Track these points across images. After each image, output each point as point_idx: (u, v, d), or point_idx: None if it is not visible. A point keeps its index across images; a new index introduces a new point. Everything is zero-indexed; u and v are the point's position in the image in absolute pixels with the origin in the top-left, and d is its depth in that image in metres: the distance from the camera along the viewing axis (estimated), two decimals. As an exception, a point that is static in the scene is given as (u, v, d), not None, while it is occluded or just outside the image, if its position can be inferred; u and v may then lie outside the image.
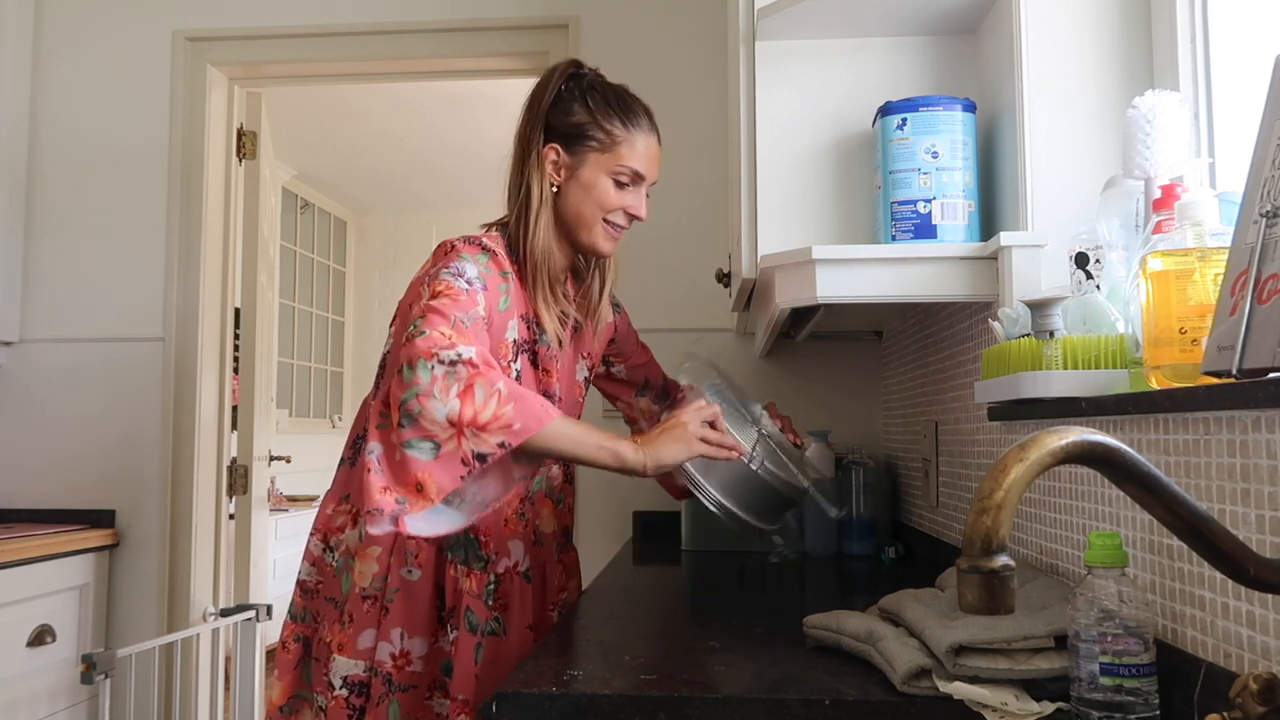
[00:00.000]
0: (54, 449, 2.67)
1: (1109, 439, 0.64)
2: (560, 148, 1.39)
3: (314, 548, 1.39)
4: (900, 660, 0.93)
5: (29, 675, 2.32)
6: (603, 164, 1.38)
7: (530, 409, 1.14)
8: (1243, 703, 0.63)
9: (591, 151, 1.38)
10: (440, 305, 1.20)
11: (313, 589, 1.39)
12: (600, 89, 1.42)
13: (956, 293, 1.39)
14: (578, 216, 1.39)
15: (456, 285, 1.24)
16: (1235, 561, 0.65)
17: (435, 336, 1.15)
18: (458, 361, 1.11)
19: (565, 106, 1.40)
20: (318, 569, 1.39)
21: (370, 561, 1.33)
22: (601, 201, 1.39)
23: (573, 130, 1.38)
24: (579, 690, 0.93)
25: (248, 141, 2.89)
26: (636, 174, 1.41)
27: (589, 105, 1.39)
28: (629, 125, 1.40)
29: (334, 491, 1.41)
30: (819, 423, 2.43)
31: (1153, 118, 1.06)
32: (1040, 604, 0.98)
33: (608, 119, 1.39)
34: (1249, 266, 0.76)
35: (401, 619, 1.31)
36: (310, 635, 1.38)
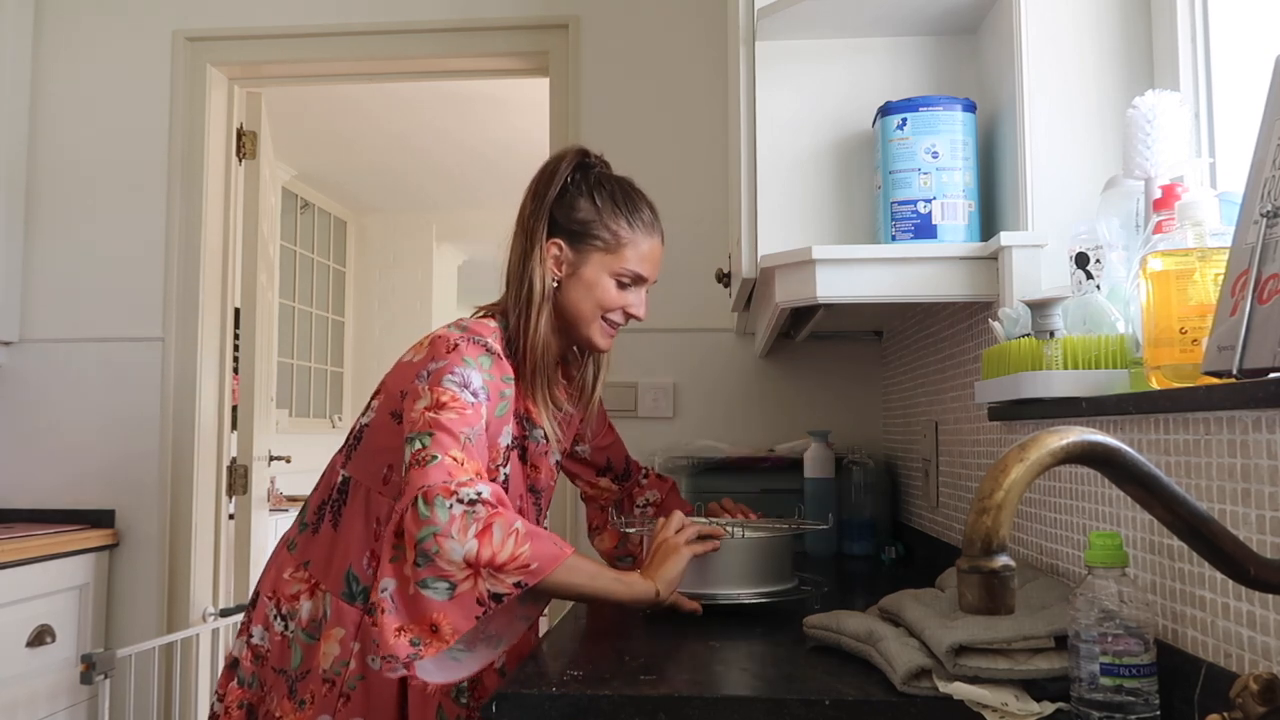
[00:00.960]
0: (54, 449, 2.67)
1: (1109, 439, 0.64)
2: (564, 243, 1.37)
3: (269, 613, 1.33)
4: (900, 660, 0.93)
5: (29, 675, 2.32)
6: (606, 264, 1.37)
7: (545, 548, 1.12)
8: (1243, 703, 0.63)
9: (596, 251, 1.37)
10: (448, 422, 1.18)
11: (263, 654, 1.33)
12: (608, 185, 1.40)
13: (956, 293, 1.39)
14: (577, 313, 1.38)
15: (462, 398, 1.22)
16: (1236, 562, 0.65)
17: (449, 466, 1.14)
18: (476, 501, 1.10)
19: (571, 201, 1.38)
20: (269, 636, 1.33)
21: (333, 643, 1.27)
22: (602, 301, 1.38)
23: (578, 227, 1.37)
24: (579, 690, 0.93)
25: (248, 141, 2.89)
26: (639, 276, 1.40)
27: (595, 203, 1.37)
28: (635, 226, 1.38)
29: (290, 556, 1.35)
30: (819, 423, 2.43)
31: (1153, 118, 1.06)
32: (1040, 604, 0.98)
33: (614, 219, 1.37)
34: (1249, 266, 0.76)
35: (360, 709, 1.25)
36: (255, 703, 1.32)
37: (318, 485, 1.39)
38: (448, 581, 1.09)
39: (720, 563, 1.34)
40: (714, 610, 1.32)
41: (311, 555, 1.34)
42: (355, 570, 1.29)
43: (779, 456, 2.25)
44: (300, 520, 1.38)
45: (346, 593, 1.29)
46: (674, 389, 2.54)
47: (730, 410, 2.53)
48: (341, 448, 1.39)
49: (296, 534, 1.37)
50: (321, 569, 1.32)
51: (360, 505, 1.31)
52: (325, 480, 1.38)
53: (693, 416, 2.53)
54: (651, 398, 2.54)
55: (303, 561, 1.34)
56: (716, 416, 2.53)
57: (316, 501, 1.37)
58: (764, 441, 2.45)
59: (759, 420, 2.52)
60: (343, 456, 1.37)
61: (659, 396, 2.54)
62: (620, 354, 2.55)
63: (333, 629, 1.27)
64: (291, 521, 1.42)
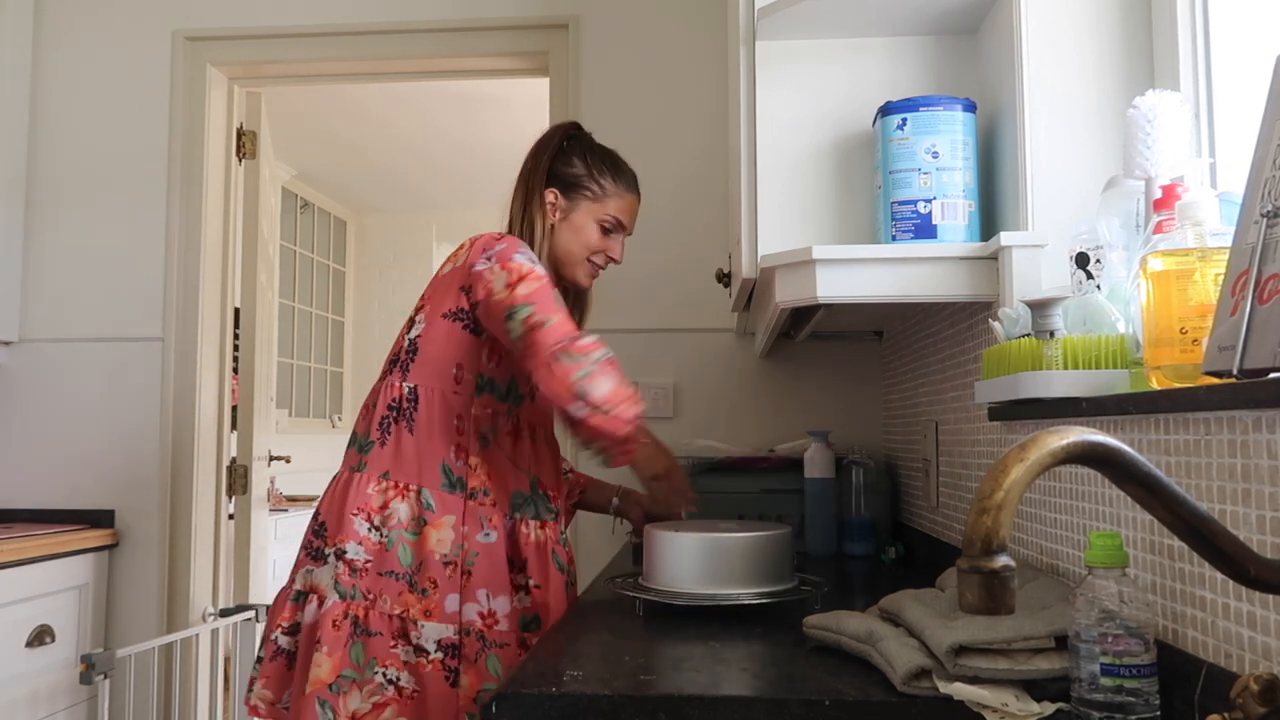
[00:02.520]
0: (54, 449, 2.67)
1: (1109, 439, 0.64)
2: (559, 192, 1.62)
3: (359, 528, 1.43)
4: (900, 660, 0.93)
5: (29, 675, 2.32)
6: (593, 211, 1.63)
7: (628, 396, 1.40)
8: (1243, 703, 0.63)
9: (585, 200, 1.63)
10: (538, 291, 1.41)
11: (361, 567, 1.42)
12: (597, 149, 1.67)
13: (956, 293, 1.39)
14: (566, 253, 1.63)
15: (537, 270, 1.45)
16: (1236, 562, 0.65)
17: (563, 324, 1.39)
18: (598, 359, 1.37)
19: (567, 159, 1.64)
20: (365, 547, 1.43)
21: (446, 529, 1.44)
22: (588, 242, 1.63)
23: (571, 180, 1.63)
24: (579, 690, 0.93)
25: (248, 141, 2.89)
26: (619, 223, 1.66)
27: (587, 161, 1.64)
28: (618, 182, 1.65)
29: (362, 475, 1.47)
30: (819, 423, 2.43)
31: (1153, 118, 1.06)
32: (1040, 604, 0.98)
33: (601, 174, 1.64)
34: (1249, 266, 0.76)
35: (484, 580, 1.43)
36: (361, 613, 1.41)
37: (368, 408, 1.52)
38: (605, 378, 1.37)
39: (720, 563, 1.34)
40: (714, 610, 1.32)
41: (389, 465, 1.46)
42: (448, 463, 1.46)
43: (779, 456, 2.25)
44: (358, 444, 1.50)
45: (446, 484, 1.45)
46: (674, 389, 2.54)
47: (730, 410, 2.53)
48: (388, 371, 1.53)
49: (358, 456, 1.49)
50: (411, 471, 1.45)
51: (436, 407, 1.47)
52: (381, 400, 1.50)
53: (693, 416, 2.53)
54: (651, 398, 2.53)
55: (381, 473, 1.46)
56: (716, 416, 2.53)
57: (376, 420, 1.49)
58: (764, 441, 2.45)
59: (759, 420, 2.52)
60: (399, 374, 1.51)
61: (659, 396, 2.54)
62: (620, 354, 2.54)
63: (441, 518, 1.44)
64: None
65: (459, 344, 1.49)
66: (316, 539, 1.47)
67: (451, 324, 1.49)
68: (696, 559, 1.33)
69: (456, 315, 1.49)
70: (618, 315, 2.55)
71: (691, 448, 2.32)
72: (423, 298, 1.55)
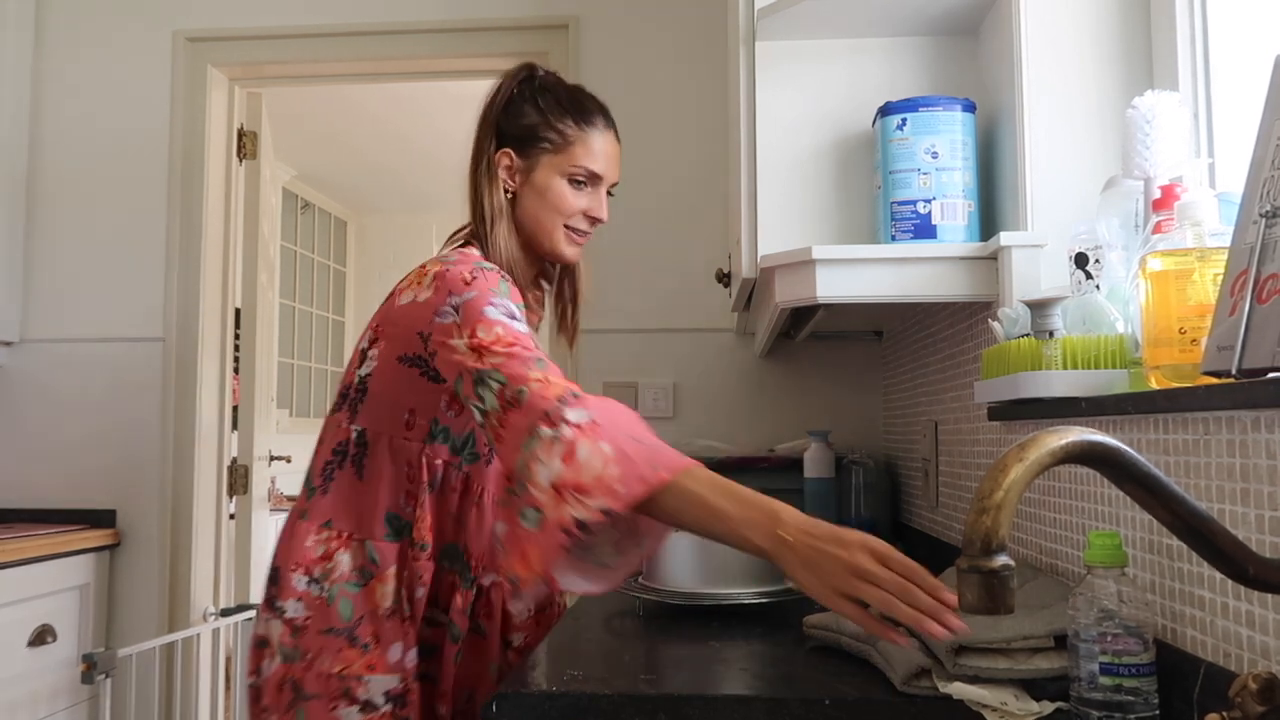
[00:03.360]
0: (54, 449, 2.67)
1: (1109, 439, 0.64)
2: (513, 152, 1.35)
3: (298, 584, 1.29)
4: (899, 660, 0.93)
5: (29, 675, 2.32)
6: (556, 165, 1.34)
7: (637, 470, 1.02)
8: (1242, 702, 0.63)
9: (544, 153, 1.35)
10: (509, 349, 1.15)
11: (301, 625, 1.28)
12: (552, 89, 1.38)
13: (956, 293, 1.39)
14: (536, 223, 1.35)
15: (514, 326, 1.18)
16: (1235, 561, 0.65)
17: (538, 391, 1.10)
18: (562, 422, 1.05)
19: (516, 109, 1.37)
20: (305, 603, 1.29)
21: (390, 583, 1.29)
22: (558, 205, 1.35)
23: (524, 133, 1.35)
24: (579, 690, 0.93)
25: (248, 141, 2.89)
26: (593, 174, 1.36)
27: (539, 106, 1.36)
28: (581, 124, 1.35)
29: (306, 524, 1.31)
30: (819, 423, 2.43)
31: (1152, 118, 1.06)
32: (1040, 604, 0.98)
33: (559, 119, 1.35)
34: (1248, 266, 0.76)
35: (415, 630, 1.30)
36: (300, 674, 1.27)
37: (317, 450, 1.35)
38: (536, 509, 1.02)
39: (720, 563, 1.34)
40: (714, 610, 1.32)
41: (332, 513, 1.31)
42: (395, 511, 1.29)
43: (779, 456, 2.25)
44: (306, 488, 1.34)
45: (390, 533, 1.29)
46: (674, 389, 2.54)
47: (730, 410, 2.53)
48: (338, 405, 1.34)
49: (305, 502, 1.33)
50: (352, 521, 1.29)
51: (385, 453, 1.29)
52: (327, 442, 1.34)
53: (693, 416, 2.53)
54: (651, 398, 2.54)
55: (323, 521, 1.31)
56: (716, 416, 2.53)
57: (320, 464, 1.34)
58: (764, 441, 2.45)
59: (759, 420, 2.52)
60: (346, 414, 1.32)
61: (659, 396, 2.54)
62: (620, 354, 2.55)
63: (386, 570, 1.28)
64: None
65: (415, 390, 1.28)
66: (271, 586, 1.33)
67: (407, 370, 1.28)
68: (696, 559, 1.33)
69: (414, 362, 1.27)
70: (618, 315, 2.55)
71: (691, 448, 2.32)
72: (375, 325, 1.33)
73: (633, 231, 2.48)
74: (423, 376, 1.27)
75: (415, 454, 1.29)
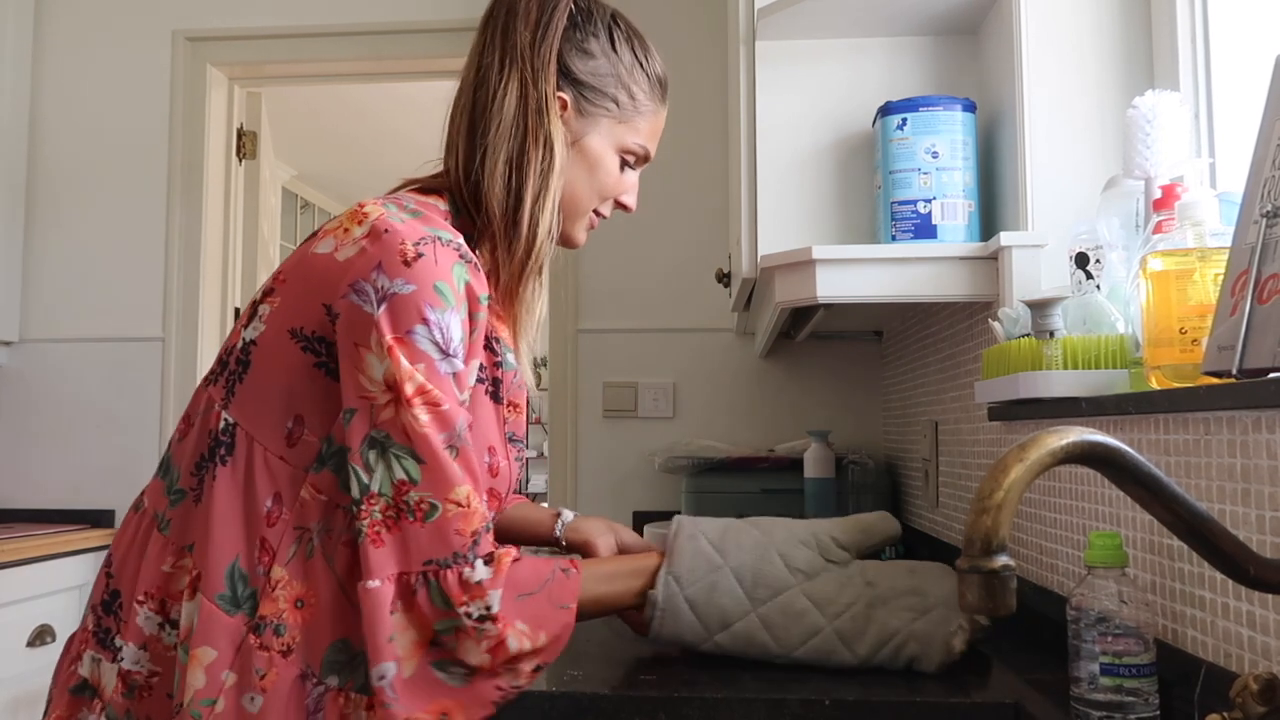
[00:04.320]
0: (54, 449, 2.67)
1: (1109, 439, 0.64)
2: (569, 100, 0.99)
3: (144, 623, 0.89)
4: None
5: (29, 675, 2.32)
6: (615, 135, 1.02)
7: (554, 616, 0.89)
8: (1243, 703, 0.63)
9: (606, 116, 1.01)
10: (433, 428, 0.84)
11: (143, 684, 0.89)
12: (622, 23, 1.05)
13: (956, 293, 1.39)
14: (571, 199, 1.01)
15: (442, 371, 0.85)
16: (1235, 562, 0.65)
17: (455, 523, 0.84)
18: (486, 619, 0.84)
19: (581, 42, 1.00)
20: (151, 654, 0.89)
21: (197, 670, 0.85)
22: (604, 185, 1.03)
23: (589, 80, 1.00)
24: (579, 690, 0.93)
25: (248, 141, 2.89)
26: (646, 155, 1.07)
27: (614, 47, 1.01)
28: (653, 90, 1.05)
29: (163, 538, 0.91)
30: (819, 423, 2.43)
31: (1153, 118, 1.06)
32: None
33: (632, 75, 1.02)
34: (1249, 266, 0.76)
35: None
36: None
37: (187, 433, 0.93)
38: (465, 668, 0.85)
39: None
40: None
41: (195, 536, 0.89)
42: (243, 564, 0.87)
43: (779, 456, 2.25)
44: (168, 486, 0.93)
45: (226, 596, 0.86)
46: (674, 389, 2.54)
47: (730, 410, 2.53)
48: (215, 375, 0.93)
49: (168, 507, 0.92)
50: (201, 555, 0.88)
51: (242, 469, 0.88)
52: (199, 426, 0.92)
53: (693, 416, 2.53)
54: (651, 398, 2.54)
55: (184, 545, 0.90)
56: (716, 416, 2.53)
57: (192, 458, 0.92)
58: (764, 441, 2.45)
59: (759, 420, 2.52)
60: (222, 390, 0.91)
61: (659, 396, 2.54)
62: (620, 354, 2.55)
63: (199, 648, 0.85)
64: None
65: (305, 386, 0.88)
66: (107, 616, 0.93)
67: (300, 352, 0.88)
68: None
69: (309, 344, 0.88)
70: (618, 315, 2.55)
71: (691, 448, 2.32)
72: (277, 274, 0.94)
73: (633, 231, 2.48)
74: (319, 369, 0.88)
75: (290, 482, 0.88)
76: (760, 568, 1.00)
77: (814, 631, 0.99)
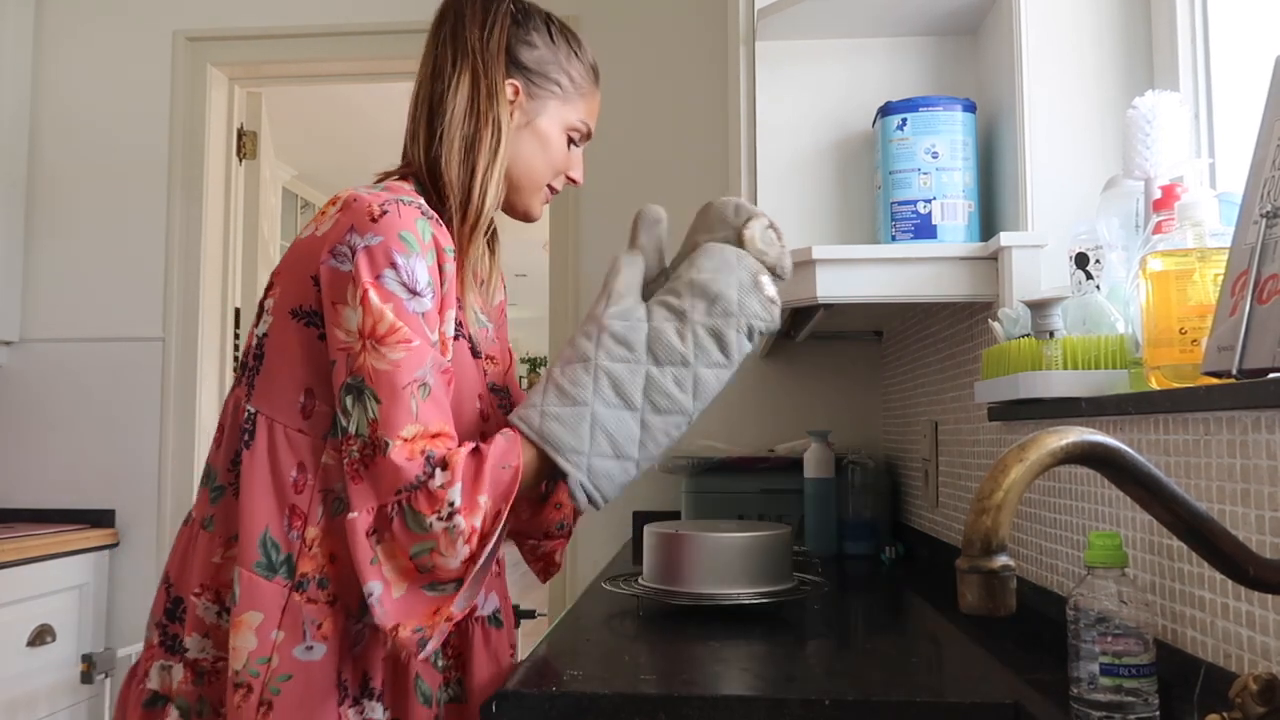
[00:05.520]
0: (54, 449, 2.67)
1: (1109, 439, 0.64)
2: (519, 86, 1.11)
3: (203, 613, 0.99)
4: None
5: (29, 675, 2.32)
6: (562, 116, 1.14)
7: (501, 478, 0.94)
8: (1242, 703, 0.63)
9: (553, 98, 1.13)
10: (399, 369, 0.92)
11: (209, 669, 0.99)
12: (555, 20, 1.18)
13: (956, 293, 1.39)
14: (526, 174, 1.13)
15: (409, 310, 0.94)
16: (1235, 562, 0.65)
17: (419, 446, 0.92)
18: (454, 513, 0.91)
19: (524, 34, 1.12)
20: (214, 641, 0.98)
21: (246, 633, 0.94)
22: (554, 161, 1.14)
23: (534, 67, 1.12)
24: (579, 690, 0.93)
25: (248, 141, 2.89)
26: (589, 132, 1.19)
27: (551, 38, 1.15)
28: (588, 72, 1.18)
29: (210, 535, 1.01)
30: (819, 423, 2.43)
31: (1153, 118, 1.06)
32: None
33: (569, 61, 1.15)
34: (1249, 267, 0.76)
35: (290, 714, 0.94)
36: None
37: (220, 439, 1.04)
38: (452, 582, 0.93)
39: (720, 563, 1.34)
40: (714, 610, 1.32)
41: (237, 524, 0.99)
42: (273, 533, 0.96)
43: (779, 456, 2.25)
44: (211, 487, 1.03)
45: (262, 563, 0.96)
46: (674, 389, 2.54)
47: (730, 410, 2.53)
48: (239, 377, 1.04)
49: (209, 505, 1.02)
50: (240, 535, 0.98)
51: (266, 448, 0.98)
52: (230, 425, 1.02)
53: (693, 416, 2.53)
54: (651, 398, 2.53)
55: (230, 535, 1.00)
56: (716, 416, 2.53)
57: (227, 456, 1.02)
58: (764, 441, 2.45)
59: (759, 420, 2.52)
60: (244, 388, 1.01)
61: (659, 396, 2.53)
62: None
63: (244, 614, 0.94)
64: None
65: (311, 358, 0.97)
66: (172, 623, 1.02)
67: (303, 328, 0.98)
68: (696, 559, 1.33)
69: (309, 318, 0.98)
70: (618, 315, 2.55)
71: (691, 448, 2.32)
72: (275, 271, 1.03)
73: (633, 231, 2.47)
74: (321, 340, 0.97)
75: (311, 452, 0.98)
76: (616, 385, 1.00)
77: (692, 381, 1.03)
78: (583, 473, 0.97)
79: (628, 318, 1.01)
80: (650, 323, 1.01)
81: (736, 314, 1.02)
